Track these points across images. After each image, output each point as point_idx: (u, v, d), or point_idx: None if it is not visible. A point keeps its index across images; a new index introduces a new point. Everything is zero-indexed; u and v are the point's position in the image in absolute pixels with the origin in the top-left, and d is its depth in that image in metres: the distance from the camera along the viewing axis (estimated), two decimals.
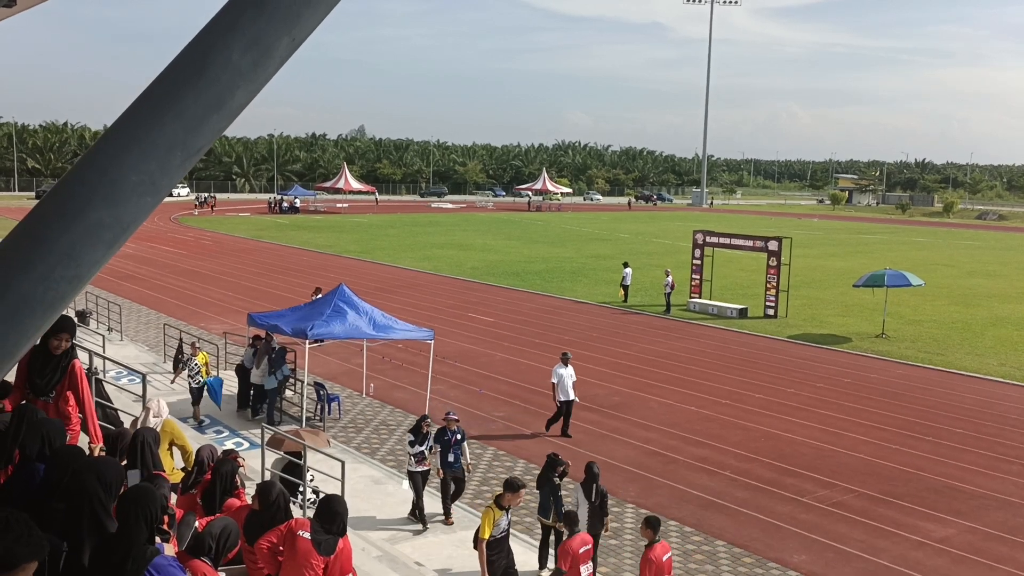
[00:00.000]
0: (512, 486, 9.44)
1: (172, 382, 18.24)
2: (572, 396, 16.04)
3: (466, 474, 12.59)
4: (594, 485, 10.46)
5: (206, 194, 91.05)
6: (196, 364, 16.89)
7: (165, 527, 4.35)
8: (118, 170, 2.36)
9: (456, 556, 10.68)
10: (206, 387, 16.82)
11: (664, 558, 8.68)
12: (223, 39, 2.48)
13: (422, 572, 10.29)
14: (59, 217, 2.33)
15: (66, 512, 3.73)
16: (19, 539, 2.65)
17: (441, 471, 12.12)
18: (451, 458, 12.16)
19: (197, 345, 17.71)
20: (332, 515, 5.83)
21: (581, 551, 8.96)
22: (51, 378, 5.89)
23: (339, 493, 10.46)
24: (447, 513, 12.02)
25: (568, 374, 16.05)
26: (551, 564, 10.82)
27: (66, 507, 3.75)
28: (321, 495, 9.67)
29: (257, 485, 6.68)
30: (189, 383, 16.82)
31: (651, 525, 8.86)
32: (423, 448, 12.16)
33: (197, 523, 5.18)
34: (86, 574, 3.60)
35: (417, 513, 11.97)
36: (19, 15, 8.02)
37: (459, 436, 12.31)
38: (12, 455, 4.37)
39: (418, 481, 12.12)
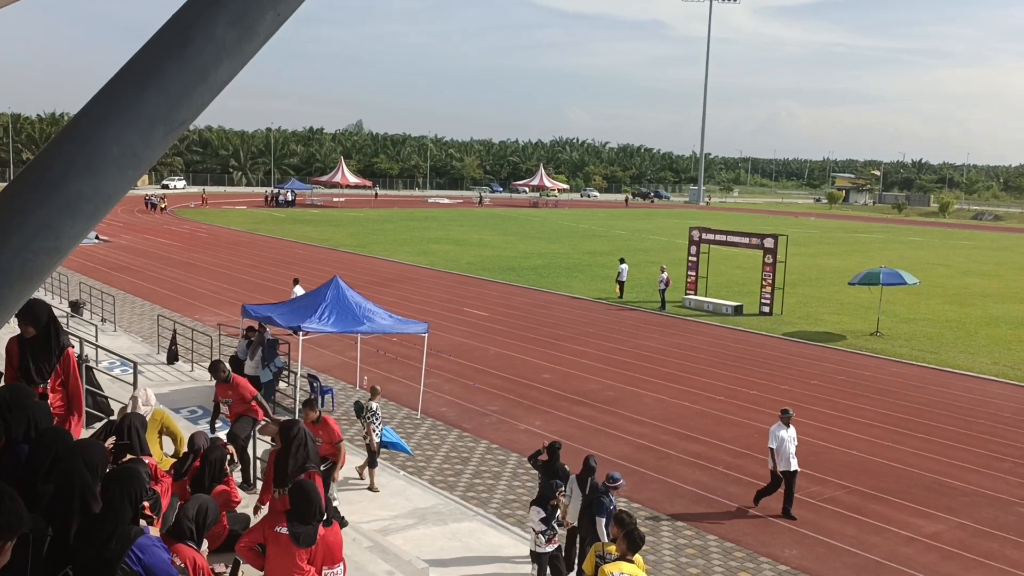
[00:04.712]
0: (635, 543, 7.39)
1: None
2: (795, 465, 12.67)
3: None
4: (589, 479, 10.47)
5: (160, 192, 78.53)
6: (378, 412, 13.03)
7: (148, 511, 4.33)
8: (99, 142, 2.32)
9: (447, 548, 10.67)
10: (382, 442, 13.05)
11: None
12: (207, 12, 2.45)
13: (413, 563, 10.29)
14: (37, 188, 2.29)
15: (54, 496, 3.71)
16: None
17: (569, 522, 10.11)
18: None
19: (378, 388, 13.98)
20: (306, 501, 5.61)
21: None
22: (45, 367, 5.86)
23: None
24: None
25: (791, 437, 12.67)
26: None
27: (54, 491, 3.73)
28: None
29: (280, 423, 7.09)
30: (372, 438, 12.73)
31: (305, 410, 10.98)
32: (554, 522, 9.62)
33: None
34: (71, 554, 3.59)
35: None
36: (18, 4, 7.95)
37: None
38: None
39: (544, 563, 9.52)
